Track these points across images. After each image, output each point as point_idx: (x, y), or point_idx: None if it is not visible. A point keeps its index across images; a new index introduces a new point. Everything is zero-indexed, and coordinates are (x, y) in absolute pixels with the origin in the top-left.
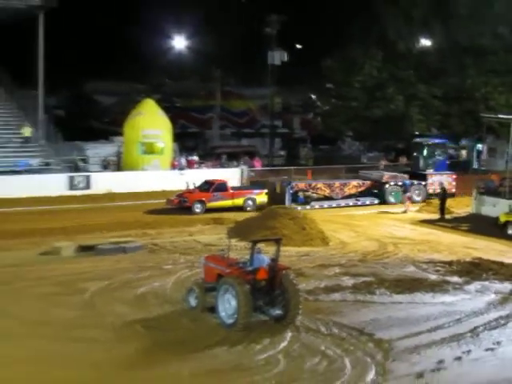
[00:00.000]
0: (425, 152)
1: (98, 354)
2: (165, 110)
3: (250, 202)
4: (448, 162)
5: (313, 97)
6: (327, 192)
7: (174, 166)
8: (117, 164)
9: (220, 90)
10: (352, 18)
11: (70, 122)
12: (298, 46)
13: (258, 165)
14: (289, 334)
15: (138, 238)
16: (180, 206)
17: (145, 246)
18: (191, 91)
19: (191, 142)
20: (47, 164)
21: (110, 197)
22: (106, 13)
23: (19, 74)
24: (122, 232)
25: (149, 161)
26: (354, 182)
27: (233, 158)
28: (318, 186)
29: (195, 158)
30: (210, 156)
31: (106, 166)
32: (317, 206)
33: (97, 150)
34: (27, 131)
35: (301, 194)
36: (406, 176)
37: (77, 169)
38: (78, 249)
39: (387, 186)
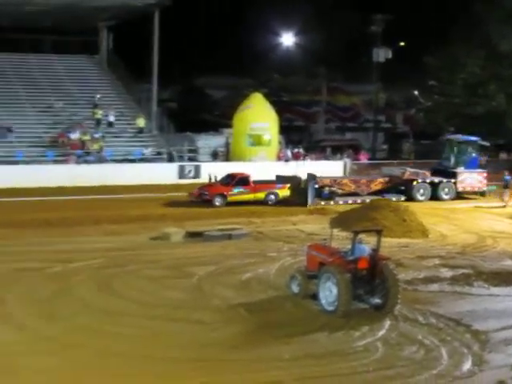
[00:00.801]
0: (456, 149)
1: (205, 334)
2: (272, 103)
3: (272, 197)
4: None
5: (415, 93)
6: (353, 188)
7: (279, 158)
8: (225, 155)
9: (326, 86)
10: (455, 17)
11: (182, 114)
12: (401, 44)
13: (363, 158)
14: (387, 323)
15: (244, 226)
16: (200, 199)
17: (250, 233)
18: (298, 86)
19: (297, 135)
20: (159, 153)
21: None
22: (218, 9)
23: (135, 68)
24: (228, 220)
25: (256, 152)
26: (381, 179)
27: (337, 151)
28: (344, 181)
29: (300, 150)
30: (315, 149)
31: (215, 157)
32: (341, 202)
33: (207, 141)
34: (141, 122)
35: (326, 190)
36: (427, 173)
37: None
38: (187, 235)
39: (415, 183)
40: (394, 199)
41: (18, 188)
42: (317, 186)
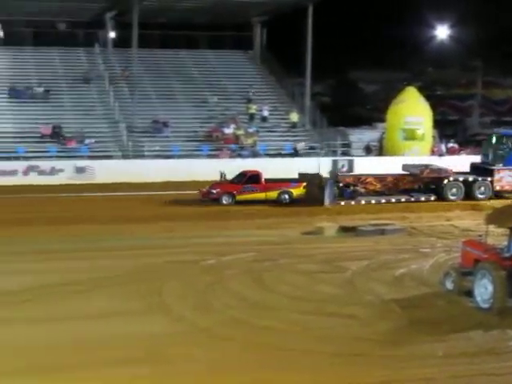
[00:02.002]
0: (495, 144)
1: (357, 329)
2: (426, 97)
3: (285, 196)
4: None
5: None
6: (378, 187)
7: (433, 153)
8: (378, 149)
9: (480, 79)
10: None
11: (335, 109)
12: None
13: None
14: None
15: (397, 221)
16: (207, 197)
17: (403, 229)
18: (451, 80)
19: (451, 129)
20: (312, 148)
21: None
22: (372, 3)
23: (288, 62)
24: (381, 215)
25: (409, 147)
26: (410, 177)
27: None
28: (368, 179)
29: (455, 145)
30: (470, 143)
31: (368, 151)
32: (363, 202)
33: (360, 136)
34: (294, 117)
35: (350, 188)
36: (451, 170)
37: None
38: (340, 229)
39: (445, 181)
40: (422, 199)
41: (174, 182)
42: (341, 185)
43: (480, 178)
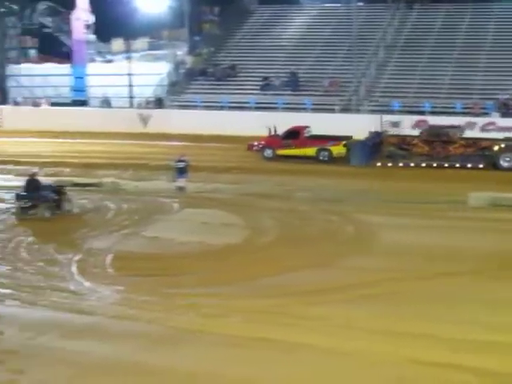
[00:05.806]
0: None
1: None
2: None
3: (324, 153)
4: None
5: None
6: (426, 150)
7: None
8: None
9: None
10: None
11: None
12: None
13: None
14: None
15: None
16: (252, 150)
17: None
18: None
19: None
20: None
21: None
22: None
23: None
24: None
25: None
26: (463, 141)
27: None
28: (414, 142)
29: None
30: None
31: None
32: (401, 164)
33: None
34: None
35: (391, 150)
36: (456, 134)
37: None
38: None
39: (497, 147)
40: (469, 165)
41: None
42: (391, 146)
43: None
